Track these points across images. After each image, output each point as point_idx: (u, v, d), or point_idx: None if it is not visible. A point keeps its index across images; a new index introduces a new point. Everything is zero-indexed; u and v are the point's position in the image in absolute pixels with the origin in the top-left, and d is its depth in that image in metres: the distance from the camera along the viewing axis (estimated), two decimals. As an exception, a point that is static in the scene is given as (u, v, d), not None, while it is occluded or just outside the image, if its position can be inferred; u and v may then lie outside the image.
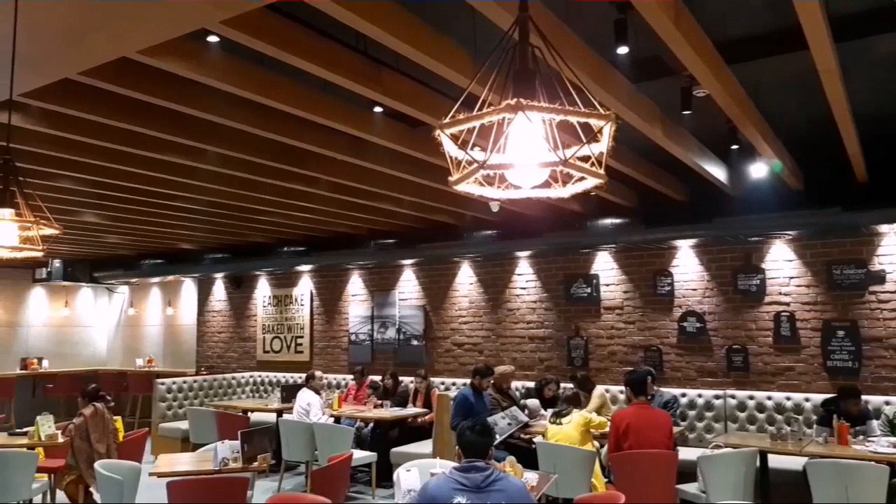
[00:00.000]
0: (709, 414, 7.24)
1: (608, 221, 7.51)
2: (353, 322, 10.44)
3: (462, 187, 1.26)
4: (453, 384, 8.94)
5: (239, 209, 7.55)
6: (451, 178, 1.25)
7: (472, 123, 1.17)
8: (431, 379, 8.74)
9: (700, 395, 7.32)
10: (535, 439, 6.06)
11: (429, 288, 9.82)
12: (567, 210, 7.40)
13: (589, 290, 8.42)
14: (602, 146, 1.23)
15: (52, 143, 4.87)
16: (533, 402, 7.11)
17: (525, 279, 8.98)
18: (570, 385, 7.29)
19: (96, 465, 5.35)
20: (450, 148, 1.23)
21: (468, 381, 8.57)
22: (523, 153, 1.22)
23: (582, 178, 1.29)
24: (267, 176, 5.98)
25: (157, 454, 8.12)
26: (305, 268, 10.66)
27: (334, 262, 10.10)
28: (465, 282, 9.47)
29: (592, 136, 1.21)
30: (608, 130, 1.22)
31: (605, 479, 5.60)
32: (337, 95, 4.33)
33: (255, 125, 4.66)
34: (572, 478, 5.23)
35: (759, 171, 5.93)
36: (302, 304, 11.07)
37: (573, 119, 1.18)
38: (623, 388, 6.32)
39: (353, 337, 10.41)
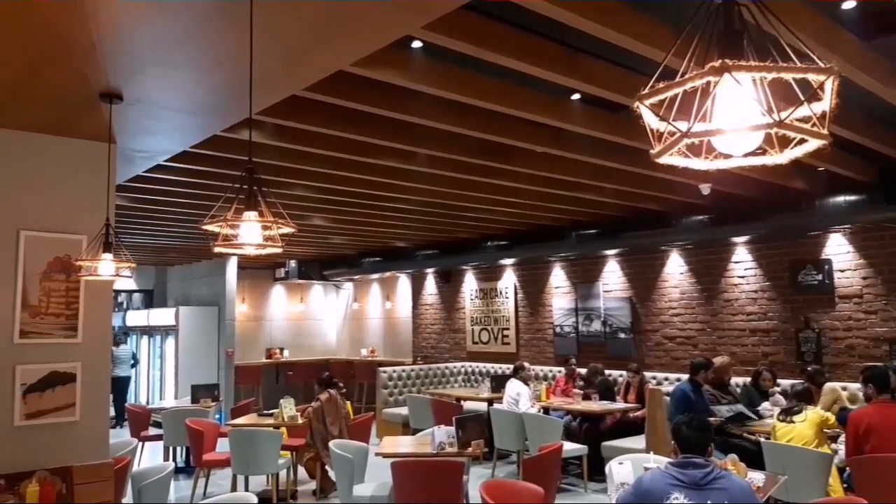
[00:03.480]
0: (979, 418, 6.18)
1: (841, 199, 6.70)
2: (557, 314, 10.43)
3: (665, 160, 1.21)
4: (665, 379, 8.57)
5: (447, 207, 7.88)
6: (652, 151, 1.21)
7: (674, 91, 1.12)
8: (643, 373, 8.46)
9: (966, 396, 6.29)
10: (761, 439, 5.62)
11: (635, 279, 9.51)
12: (790, 189, 6.74)
13: (820, 276, 7.60)
14: (824, 104, 1.11)
15: (283, 154, 5.46)
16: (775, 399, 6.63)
17: (743, 267, 8.34)
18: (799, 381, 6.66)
19: (331, 444, 5.91)
20: (650, 119, 1.19)
21: (681, 375, 8.19)
22: (732, 118, 1.14)
23: (802, 141, 1.18)
24: (472, 173, 6.18)
25: (382, 437, 8.77)
26: (508, 261, 10.86)
27: (536, 254, 10.16)
28: (675, 271, 9.03)
29: (812, 93, 1.10)
30: (830, 86, 1.10)
31: (843, 485, 5.03)
32: (534, 87, 4.36)
33: (458, 124, 4.83)
34: (805, 481, 4.77)
35: None
36: (507, 297, 11.30)
37: (788, 76, 1.08)
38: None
39: (557, 329, 10.40)
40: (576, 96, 4.66)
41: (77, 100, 3.52)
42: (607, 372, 8.70)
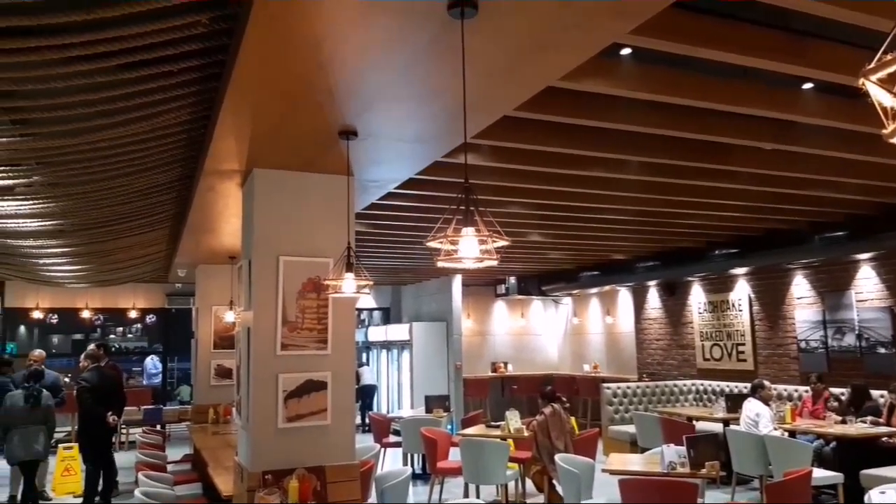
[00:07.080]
0: None
1: None
2: (801, 328, 9.45)
3: (901, 138, 1.10)
4: (942, 399, 7.35)
5: (664, 215, 7.58)
6: (884, 131, 1.10)
7: (904, 61, 1.02)
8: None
9: None
10: None
11: (896, 285, 8.33)
12: None
13: None
14: None
15: (499, 174, 5.67)
16: None
17: None
18: None
19: (557, 458, 5.94)
20: (880, 96, 1.09)
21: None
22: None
23: None
24: (688, 177, 5.90)
25: (608, 453, 8.58)
26: (740, 271, 10.09)
27: (772, 262, 9.29)
28: (949, 274, 7.76)
29: None
30: None
31: None
32: (756, 79, 4.08)
33: (670, 127, 4.67)
34: None
35: None
36: (740, 310, 10.49)
37: None
38: None
39: (802, 344, 9.43)
40: (807, 85, 4.27)
41: (320, 138, 3.99)
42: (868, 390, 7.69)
